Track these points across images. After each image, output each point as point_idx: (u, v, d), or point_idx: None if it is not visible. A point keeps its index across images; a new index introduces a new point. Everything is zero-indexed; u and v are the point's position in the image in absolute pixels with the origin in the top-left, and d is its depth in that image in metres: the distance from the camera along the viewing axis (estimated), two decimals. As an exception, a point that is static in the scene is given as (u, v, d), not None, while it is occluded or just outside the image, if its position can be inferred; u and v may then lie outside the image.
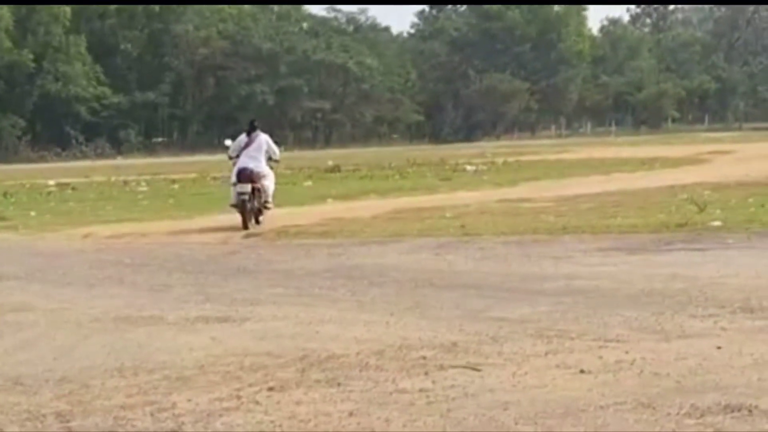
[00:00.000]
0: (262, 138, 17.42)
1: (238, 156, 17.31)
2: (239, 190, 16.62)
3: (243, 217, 16.48)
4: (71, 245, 15.70)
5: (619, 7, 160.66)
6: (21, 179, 37.72)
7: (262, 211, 16.89)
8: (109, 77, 72.92)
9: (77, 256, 14.09)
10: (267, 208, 17.04)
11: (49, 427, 5.56)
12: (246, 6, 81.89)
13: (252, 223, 16.55)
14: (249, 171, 16.82)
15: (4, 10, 68.77)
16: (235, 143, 17.61)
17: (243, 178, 16.74)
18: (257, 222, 16.73)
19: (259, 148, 17.27)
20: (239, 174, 16.83)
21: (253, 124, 17.88)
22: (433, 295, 9.39)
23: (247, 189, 16.55)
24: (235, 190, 16.78)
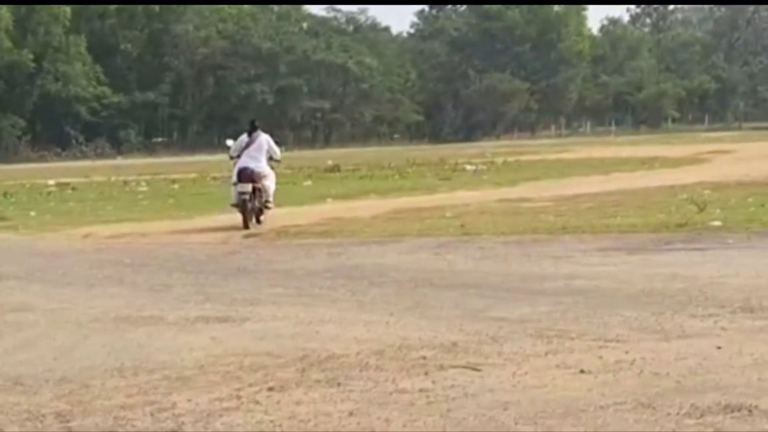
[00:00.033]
0: (263, 138, 17.46)
1: (239, 156, 17.35)
2: (240, 190, 16.66)
3: (244, 216, 16.52)
4: (71, 245, 15.70)
5: (619, 7, 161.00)
6: (21, 179, 37.72)
7: (263, 210, 16.93)
8: (109, 77, 72.97)
9: (77, 256, 14.09)
10: (268, 208, 17.07)
11: (49, 427, 5.56)
12: (246, 6, 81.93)
13: (253, 223, 16.59)
14: (250, 171, 16.86)
15: (4, 10, 68.79)
16: (237, 143, 17.65)
17: (244, 177, 16.78)
18: (258, 222, 16.77)
19: (259, 148, 17.30)
20: (240, 174, 16.86)
21: (254, 124, 17.93)
22: (433, 294, 9.39)
23: (247, 189, 16.58)
24: (235, 190, 16.81)
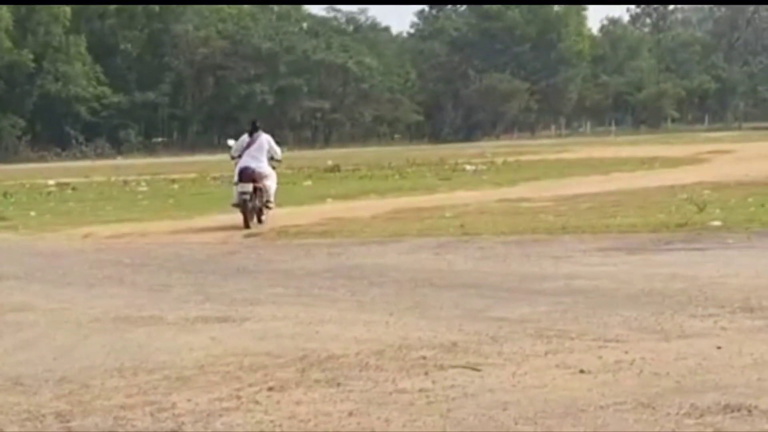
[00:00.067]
0: (264, 138, 17.48)
1: (240, 156, 17.36)
2: (241, 190, 16.67)
3: (244, 216, 16.54)
4: (71, 245, 15.69)
5: (619, 7, 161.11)
6: (21, 179, 37.72)
7: (263, 210, 16.94)
8: (109, 77, 72.99)
9: (77, 256, 14.09)
10: (269, 208, 17.09)
11: (49, 427, 5.56)
12: (246, 6, 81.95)
13: (254, 223, 16.61)
14: (251, 171, 16.87)
15: (4, 10, 68.79)
16: (238, 143, 17.68)
17: (245, 177, 16.80)
18: (260, 221, 16.80)
19: (260, 148, 17.32)
20: (241, 173, 16.88)
21: (255, 124, 17.96)
22: (433, 294, 9.39)
23: (248, 188, 16.59)
24: (236, 190, 16.83)
